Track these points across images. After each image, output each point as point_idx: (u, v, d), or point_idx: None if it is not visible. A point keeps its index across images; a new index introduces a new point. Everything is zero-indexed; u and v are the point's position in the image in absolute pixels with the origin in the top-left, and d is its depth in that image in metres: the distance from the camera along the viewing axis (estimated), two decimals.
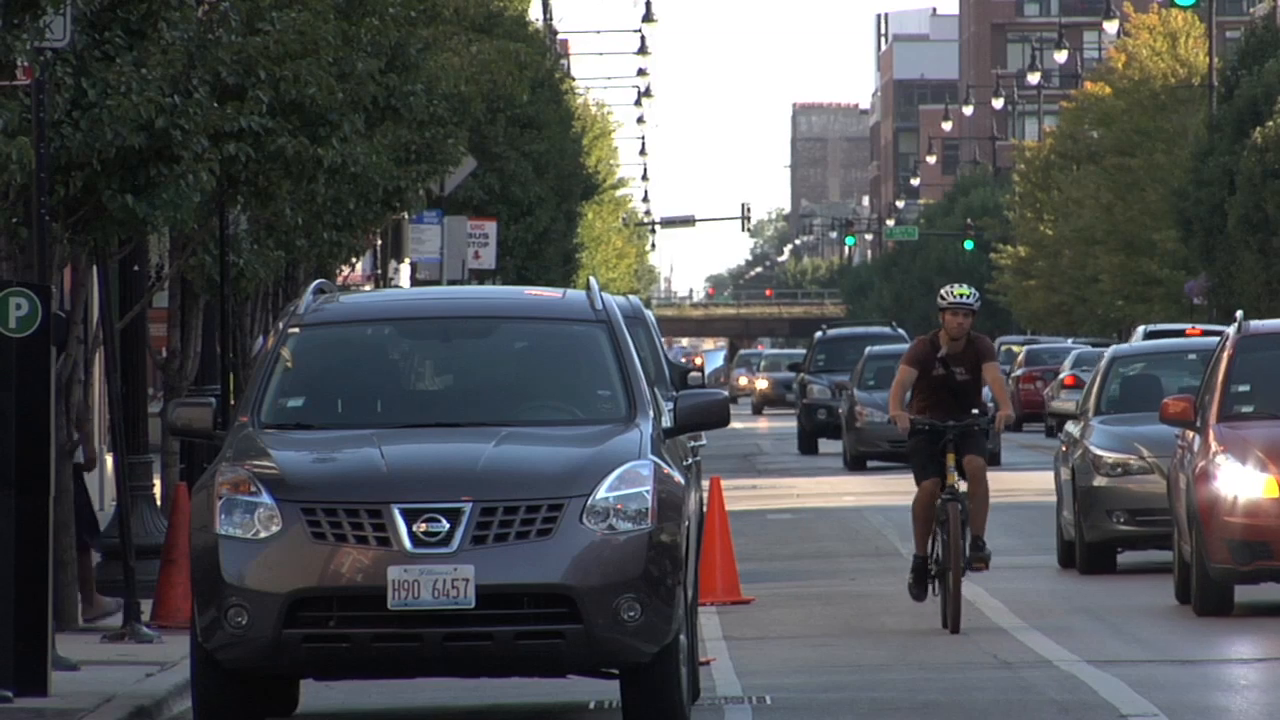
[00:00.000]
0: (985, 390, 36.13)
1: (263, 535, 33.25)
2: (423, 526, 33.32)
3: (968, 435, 30.85)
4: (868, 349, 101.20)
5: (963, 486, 41.99)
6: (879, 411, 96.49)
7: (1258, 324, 50.94)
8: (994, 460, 53.74)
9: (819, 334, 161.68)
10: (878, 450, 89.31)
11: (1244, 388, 42.52)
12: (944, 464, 30.58)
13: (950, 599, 29.76)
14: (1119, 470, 53.64)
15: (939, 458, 30.35)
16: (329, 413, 35.52)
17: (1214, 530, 39.87)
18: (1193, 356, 60.09)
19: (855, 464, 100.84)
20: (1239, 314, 50.87)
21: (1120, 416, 57.95)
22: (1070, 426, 48.37)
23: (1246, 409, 41.64)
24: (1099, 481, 53.24)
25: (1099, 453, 53.49)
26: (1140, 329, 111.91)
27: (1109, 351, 61.64)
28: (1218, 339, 55.23)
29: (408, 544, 33.60)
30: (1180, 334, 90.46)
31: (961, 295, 30.93)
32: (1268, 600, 36.37)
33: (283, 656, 33.62)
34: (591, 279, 43.72)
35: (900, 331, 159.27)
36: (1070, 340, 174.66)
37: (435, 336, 37.71)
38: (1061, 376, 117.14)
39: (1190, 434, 42.40)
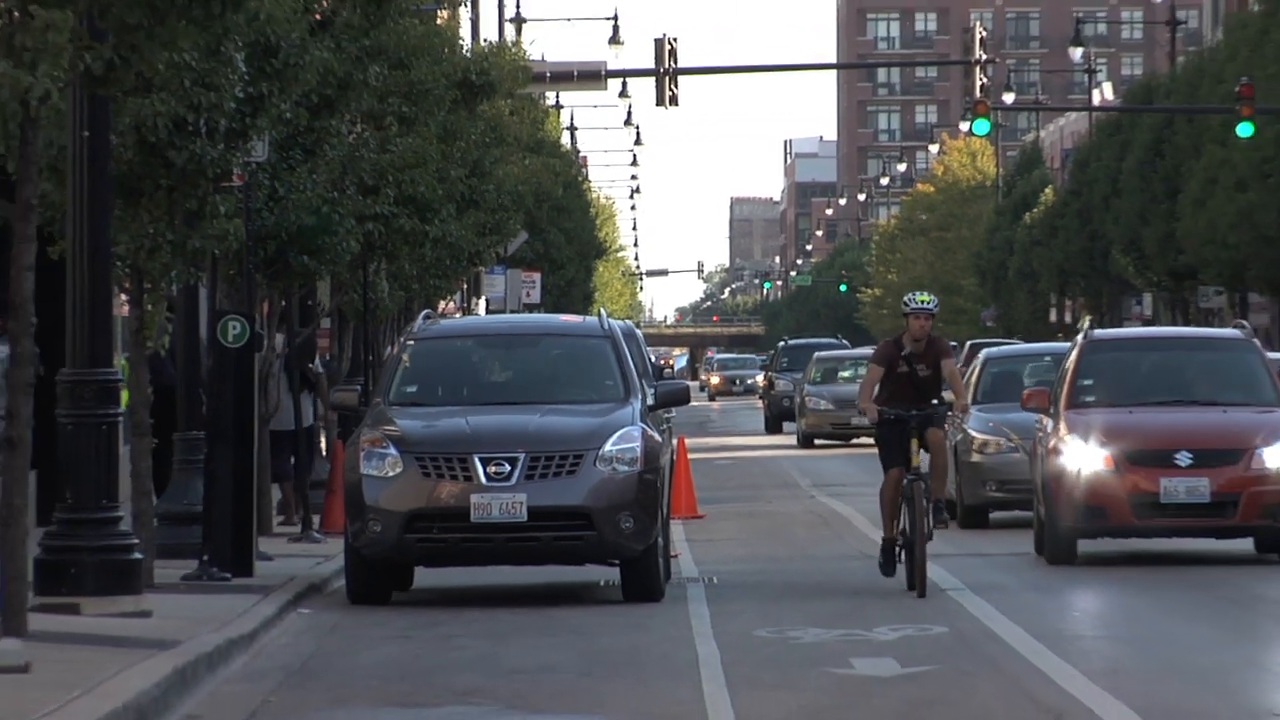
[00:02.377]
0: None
1: (390, 474, 34.66)
2: (493, 468, 34.57)
3: (928, 419, 27.81)
4: (816, 354, 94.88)
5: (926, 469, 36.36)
6: (824, 401, 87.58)
7: (1100, 332, 48.87)
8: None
9: (781, 343, 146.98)
10: (822, 431, 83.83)
11: (1088, 382, 39.20)
12: (909, 451, 27.17)
13: (917, 567, 26.77)
14: (990, 449, 48.04)
15: (904, 445, 27.08)
16: (432, 395, 37.05)
17: (1062, 496, 37.10)
18: (1048, 359, 53.95)
19: (805, 442, 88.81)
20: (1086, 323, 49.39)
21: (991, 405, 51.88)
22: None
23: (1090, 399, 38.59)
24: (975, 458, 48.12)
25: (975, 435, 48.35)
26: (968, 343, 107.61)
27: (982, 354, 56.81)
28: (1068, 344, 54.26)
29: (483, 480, 34.65)
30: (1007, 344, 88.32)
31: (924, 301, 27.78)
32: (1104, 551, 35.12)
33: (403, 552, 35.46)
34: (601, 310, 46.38)
35: (844, 341, 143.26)
36: None
37: (500, 347, 38.98)
38: None
39: (1046, 419, 40.97)
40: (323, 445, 50.04)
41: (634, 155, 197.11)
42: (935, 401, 28.20)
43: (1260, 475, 34.52)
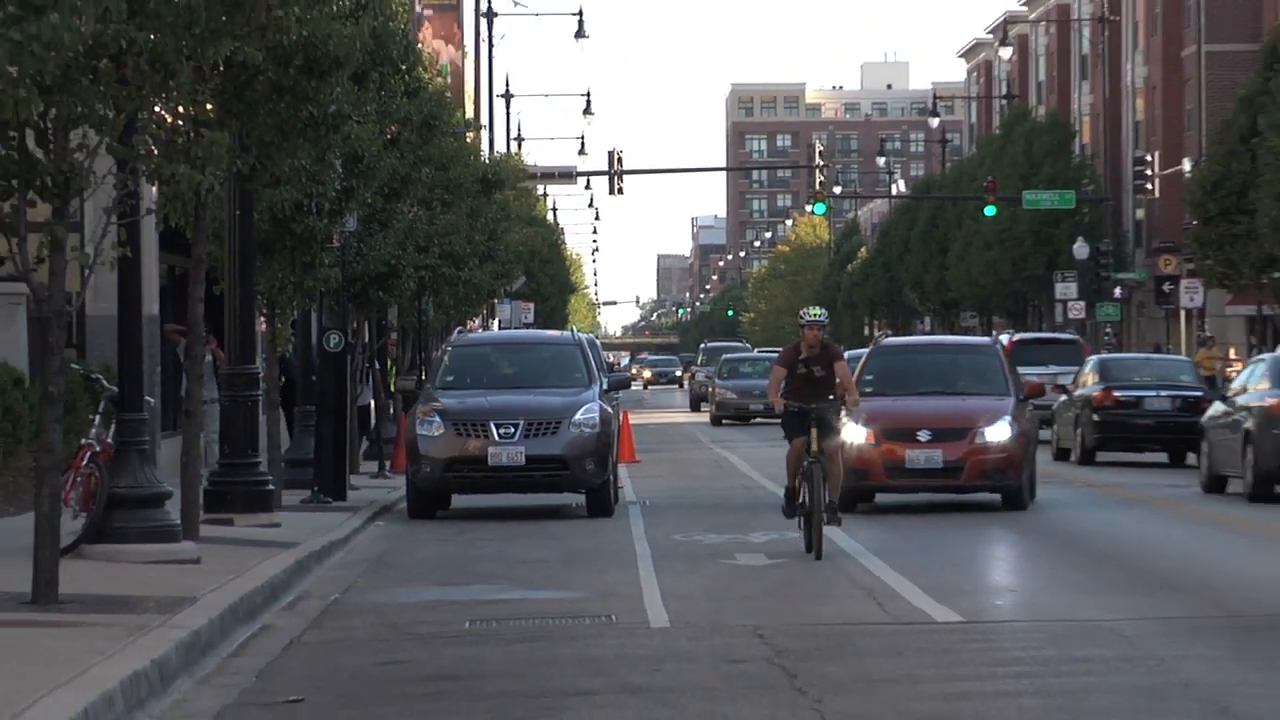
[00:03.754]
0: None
1: (436, 434, 34.44)
2: (502, 430, 34.37)
3: (825, 418, 25.16)
4: (724, 355, 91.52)
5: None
6: (730, 392, 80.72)
7: (887, 341, 45.94)
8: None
9: (703, 345, 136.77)
10: (728, 414, 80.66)
11: (869, 376, 36.64)
12: (809, 432, 24.78)
13: (814, 535, 24.14)
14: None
15: (805, 428, 24.83)
16: (463, 382, 36.70)
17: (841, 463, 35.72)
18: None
19: (715, 422, 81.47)
20: (880, 334, 47.60)
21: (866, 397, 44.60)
22: None
23: (869, 390, 35.33)
24: None
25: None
26: None
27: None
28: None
29: (496, 437, 34.14)
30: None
31: (815, 314, 25.19)
32: (883, 502, 33.86)
33: (444, 485, 35.20)
34: (573, 327, 47.28)
35: (748, 344, 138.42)
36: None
37: (508, 351, 39.50)
38: None
39: None
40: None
41: (594, 226, 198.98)
42: (831, 397, 25.43)
43: (982, 447, 33.25)
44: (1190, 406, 47.44)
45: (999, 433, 33.42)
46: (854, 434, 33.28)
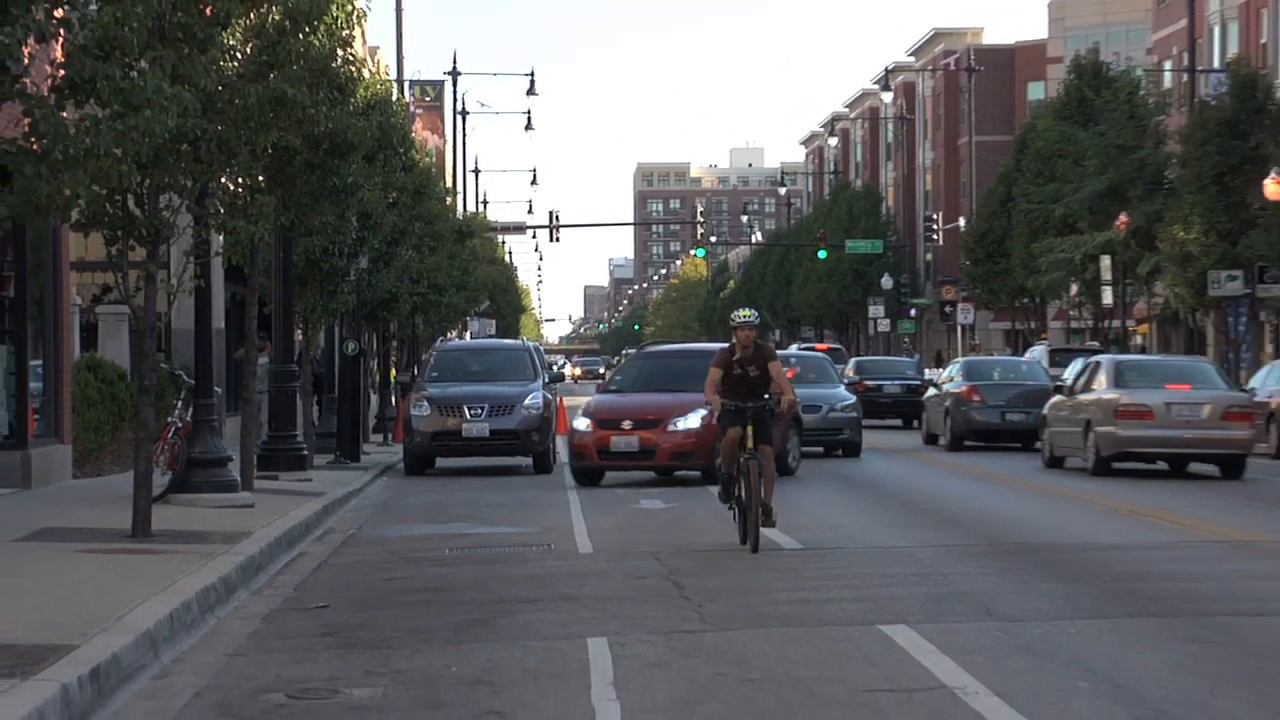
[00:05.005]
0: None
1: (425, 414, 34.50)
2: (472, 411, 34.45)
3: (761, 420, 20.47)
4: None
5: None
6: None
7: (647, 349, 39.46)
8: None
9: (625, 351, 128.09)
10: None
11: (619, 377, 33.94)
12: (745, 427, 20.26)
13: (750, 528, 19.69)
14: None
15: (742, 424, 20.17)
16: (445, 376, 36.51)
17: (573, 446, 31.17)
18: (792, 361, 41.30)
19: None
20: (641, 348, 44.18)
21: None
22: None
23: (613, 387, 33.34)
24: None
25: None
26: None
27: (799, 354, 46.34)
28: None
29: (468, 416, 33.87)
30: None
31: (745, 316, 20.58)
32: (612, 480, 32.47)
33: (430, 451, 34.90)
34: (524, 337, 45.67)
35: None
36: None
37: (478, 353, 38.92)
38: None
39: None
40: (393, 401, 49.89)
41: (539, 265, 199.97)
42: (766, 396, 20.33)
43: (672, 434, 30.17)
44: (913, 391, 53.69)
45: (689, 422, 30.09)
46: (580, 424, 31.19)
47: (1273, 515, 24.20)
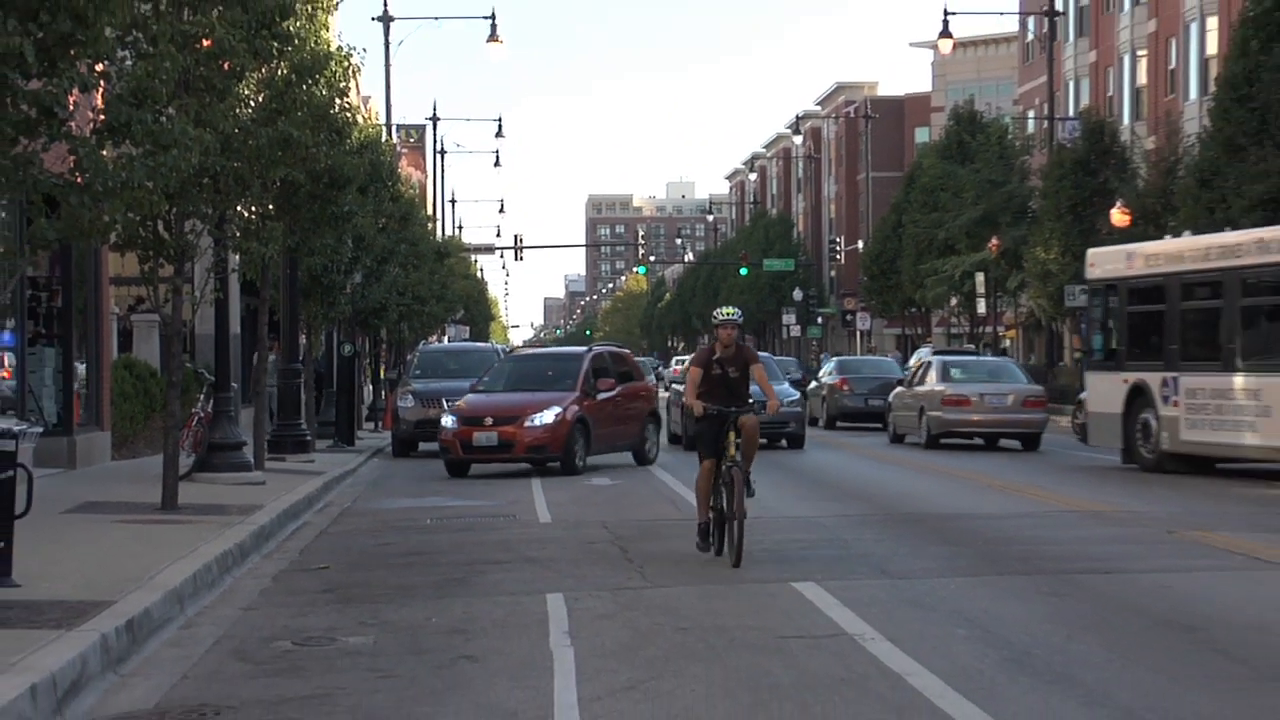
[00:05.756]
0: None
1: (409, 405, 34.21)
2: (450, 403, 32.37)
3: (742, 415, 16.51)
4: None
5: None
6: None
7: (520, 352, 36.70)
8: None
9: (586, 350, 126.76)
10: None
11: (486, 378, 31.03)
12: (725, 443, 16.27)
13: (735, 542, 15.61)
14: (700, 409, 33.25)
15: (721, 438, 16.16)
16: (427, 374, 36.12)
17: (444, 440, 29.02)
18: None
19: None
20: (511, 352, 41.65)
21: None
22: (677, 386, 35.85)
23: (480, 387, 30.58)
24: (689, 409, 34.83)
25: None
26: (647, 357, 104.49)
27: (688, 359, 42.43)
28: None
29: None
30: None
31: (727, 314, 16.77)
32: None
33: (414, 437, 34.53)
34: (493, 341, 44.52)
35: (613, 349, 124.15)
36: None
37: (454, 355, 37.75)
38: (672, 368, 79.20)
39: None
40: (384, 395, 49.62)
41: (506, 280, 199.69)
42: (750, 401, 16.45)
43: (529, 429, 27.84)
44: (796, 384, 50.81)
45: (544, 419, 28.11)
46: (447, 421, 28.82)
47: (1113, 488, 24.25)
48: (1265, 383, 25.17)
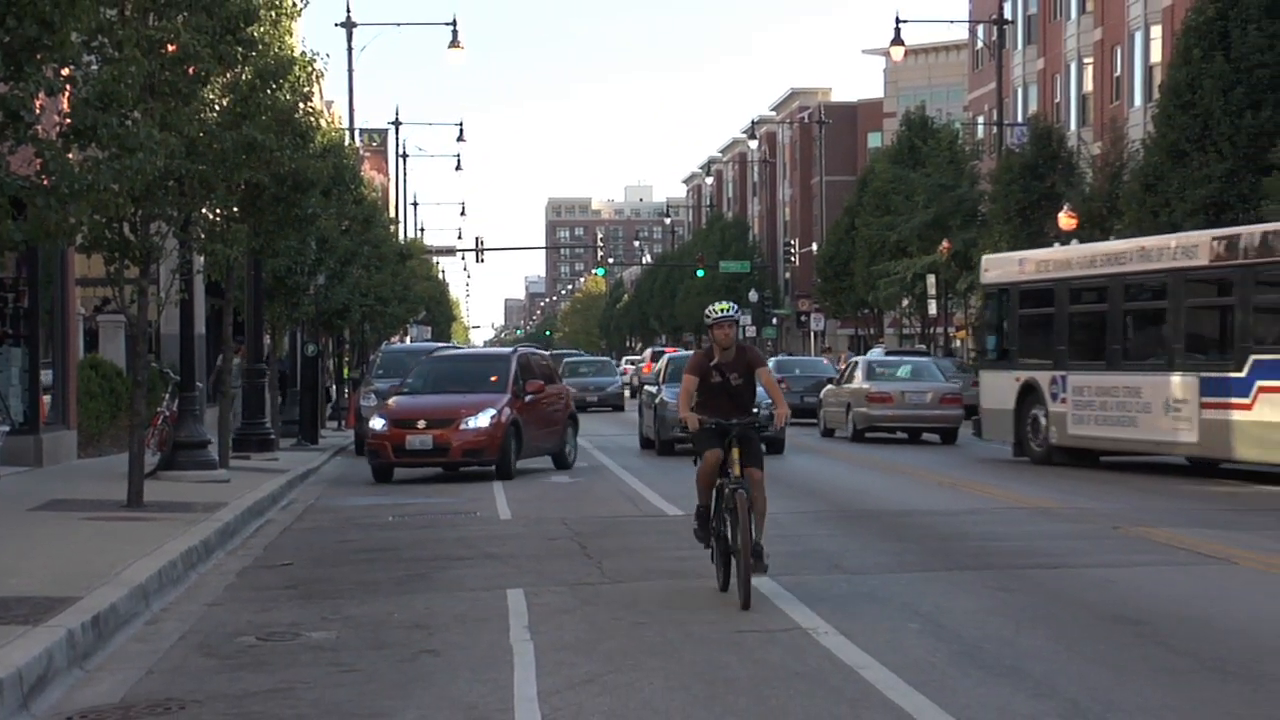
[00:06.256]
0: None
1: (372, 405, 33.14)
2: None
3: (748, 439, 13.07)
4: (566, 358, 63.24)
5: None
6: (571, 388, 53.75)
7: (440, 353, 34.13)
8: (779, 448, 31.89)
9: (550, 352, 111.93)
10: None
11: (410, 380, 29.26)
12: (729, 449, 12.92)
13: (740, 579, 12.39)
14: (676, 409, 28.50)
15: (724, 447, 12.98)
16: (390, 374, 35.40)
17: (369, 441, 27.28)
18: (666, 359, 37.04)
19: None
20: (431, 354, 40.51)
21: (674, 383, 29.98)
22: (649, 388, 34.12)
23: (405, 390, 28.63)
24: (667, 414, 30.67)
25: (666, 400, 30.59)
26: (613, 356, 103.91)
27: (665, 356, 39.93)
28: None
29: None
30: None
31: (722, 310, 13.47)
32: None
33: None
34: (455, 341, 43.63)
35: (582, 352, 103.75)
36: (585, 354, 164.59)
37: (416, 353, 36.16)
38: (642, 365, 74.38)
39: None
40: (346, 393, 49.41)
41: (467, 281, 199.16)
42: (755, 411, 13.39)
43: (464, 432, 25.97)
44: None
45: (479, 421, 26.30)
46: (376, 424, 26.67)
47: (1057, 485, 24.38)
48: (1145, 381, 26.47)
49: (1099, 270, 28.22)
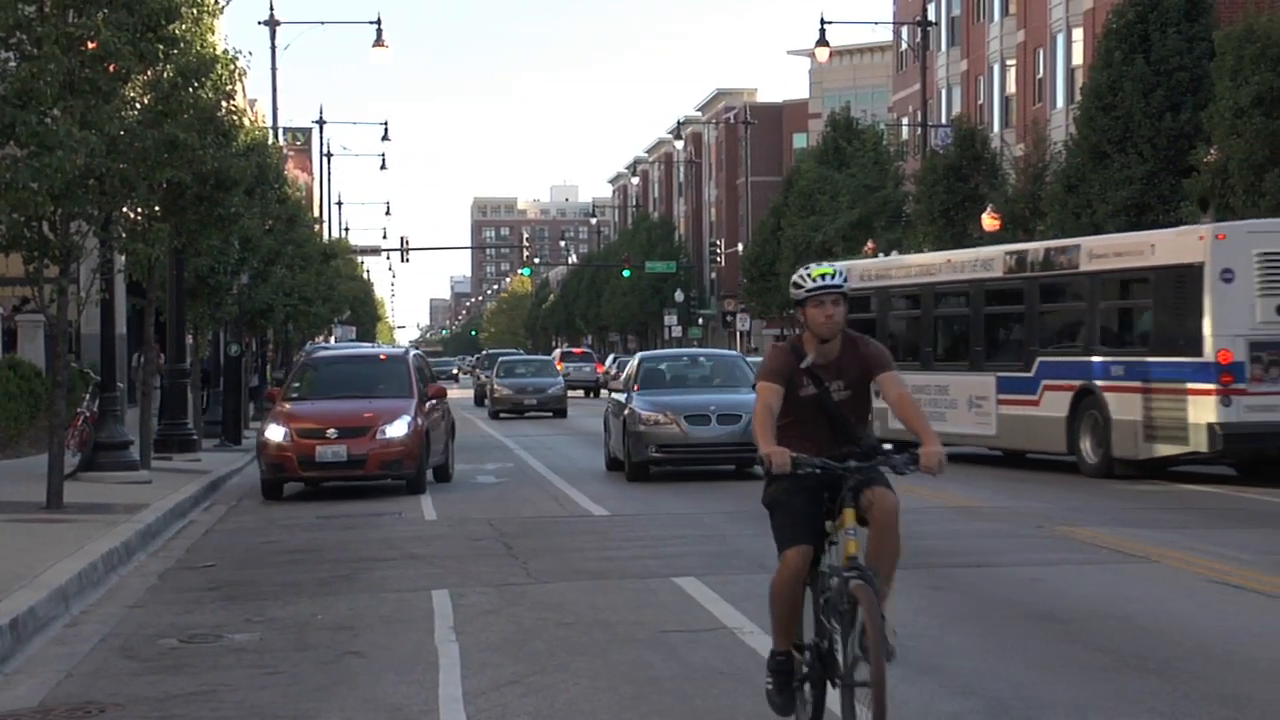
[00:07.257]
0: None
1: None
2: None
3: (872, 476, 6.85)
4: (500, 359, 62.24)
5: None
6: (505, 388, 54.22)
7: (321, 354, 32.97)
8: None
9: (484, 351, 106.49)
10: (504, 407, 53.05)
11: (297, 384, 26.37)
12: (825, 526, 6.84)
13: (873, 714, 5.91)
14: (652, 422, 24.86)
15: (821, 516, 6.76)
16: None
17: (264, 457, 24.17)
18: (685, 360, 31.25)
19: (494, 414, 53.80)
20: (310, 355, 38.54)
21: (648, 391, 26.90)
22: (617, 395, 28.81)
23: (295, 395, 25.75)
24: (641, 428, 25.64)
25: (641, 412, 25.76)
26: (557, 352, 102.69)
27: (638, 356, 32.36)
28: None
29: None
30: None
31: (825, 275, 6.70)
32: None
33: None
34: (379, 341, 43.12)
35: (520, 351, 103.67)
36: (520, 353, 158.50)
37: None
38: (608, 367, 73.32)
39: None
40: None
41: (392, 281, 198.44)
42: (887, 446, 7.39)
43: (384, 443, 23.34)
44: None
45: (396, 430, 23.59)
46: (275, 433, 23.74)
47: (982, 485, 24.52)
48: (953, 380, 29.03)
49: (914, 280, 30.59)
